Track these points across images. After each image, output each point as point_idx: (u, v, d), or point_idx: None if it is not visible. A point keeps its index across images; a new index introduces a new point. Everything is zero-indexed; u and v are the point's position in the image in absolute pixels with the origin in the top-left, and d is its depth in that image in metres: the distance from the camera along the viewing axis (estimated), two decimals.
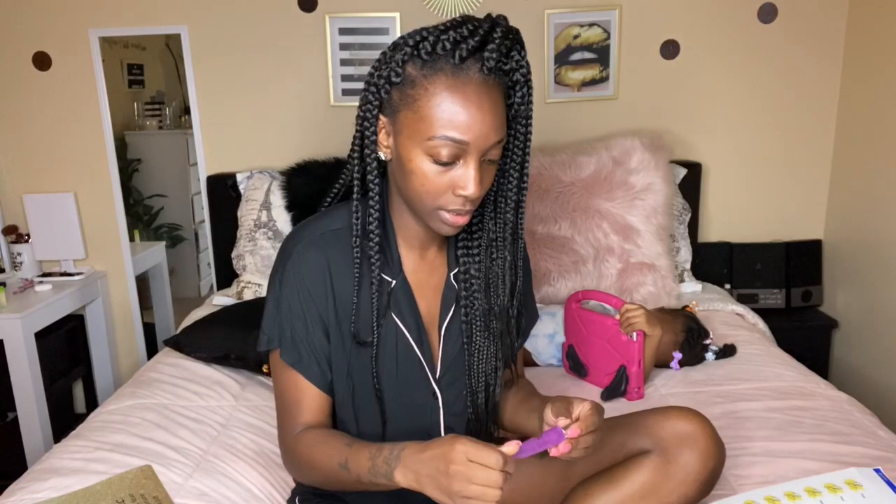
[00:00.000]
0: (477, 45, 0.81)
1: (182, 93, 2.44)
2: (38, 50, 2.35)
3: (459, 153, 0.83)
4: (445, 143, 0.82)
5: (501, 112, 0.85)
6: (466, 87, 0.82)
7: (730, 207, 2.49)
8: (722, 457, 0.99)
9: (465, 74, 0.82)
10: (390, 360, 1.00)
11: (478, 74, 0.82)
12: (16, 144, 2.43)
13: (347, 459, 0.89)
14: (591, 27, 2.35)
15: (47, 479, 1.25)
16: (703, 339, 1.77)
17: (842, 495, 0.95)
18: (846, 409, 1.49)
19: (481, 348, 1.03)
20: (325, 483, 0.96)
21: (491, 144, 0.84)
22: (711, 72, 2.39)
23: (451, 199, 0.86)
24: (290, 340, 0.98)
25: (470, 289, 1.02)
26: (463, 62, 0.81)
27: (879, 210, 2.20)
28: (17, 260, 2.43)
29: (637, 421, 1.03)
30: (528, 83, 0.88)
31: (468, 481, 0.76)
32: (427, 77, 0.82)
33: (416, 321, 1.01)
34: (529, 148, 0.94)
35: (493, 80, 0.84)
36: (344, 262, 0.96)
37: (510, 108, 0.89)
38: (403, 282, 1.00)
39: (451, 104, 0.81)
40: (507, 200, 0.96)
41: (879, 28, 2.18)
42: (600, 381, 1.67)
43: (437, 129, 0.82)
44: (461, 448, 0.77)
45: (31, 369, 2.14)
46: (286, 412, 1.01)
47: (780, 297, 2.43)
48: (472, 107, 0.82)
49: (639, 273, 2.07)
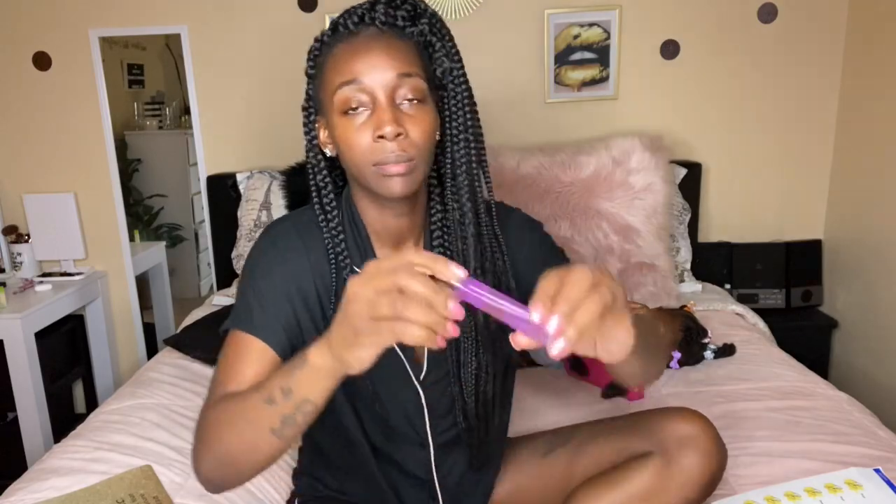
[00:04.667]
0: (366, 10, 0.86)
1: (182, 93, 2.44)
2: (38, 50, 2.35)
3: (365, 98, 0.84)
4: (345, 88, 0.84)
5: (404, 54, 0.86)
6: (357, 41, 0.86)
7: (730, 207, 2.49)
8: (724, 459, 0.98)
9: (356, 37, 0.86)
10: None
11: (369, 30, 0.86)
12: (16, 144, 2.43)
13: (263, 387, 0.74)
14: (591, 27, 2.34)
15: (47, 479, 1.25)
16: (702, 339, 1.77)
17: (842, 495, 0.96)
18: (846, 409, 1.49)
19: (467, 348, 0.97)
20: (239, 446, 0.76)
21: (394, 80, 0.84)
22: (711, 72, 2.39)
23: (378, 149, 0.84)
24: (253, 315, 0.90)
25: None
26: (356, 28, 0.87)
27: (879, 210, 2.20)
28: (17, 260, 2.43)
29: (638, 422, 1.02)
30: (440, 37, 0.90)
31: (369, 312, 0.60)
32: (328, 54, 0.88)
33: None
34: (474, 117, 0.92)
35: (391, 34, 0.87)
36: (322, 258, 0.95)
37: (435, 69, 0.91)
38: None
39: (343, 57, 0.86)
40: (459, 185, 0.92)
41: (879, 28, 2.18)
42: (601, 381, 1.67)
43: (336, 82, 0.85)
44: (354, 281, 0.62)
45: (31, 369, 2.14)
46: (225, 379, 0.86)
47: (780, 297, 2.43)
48: (362, 50, 0.85)
49: (639, 273, 2.07)
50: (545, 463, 1.09)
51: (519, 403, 1.60)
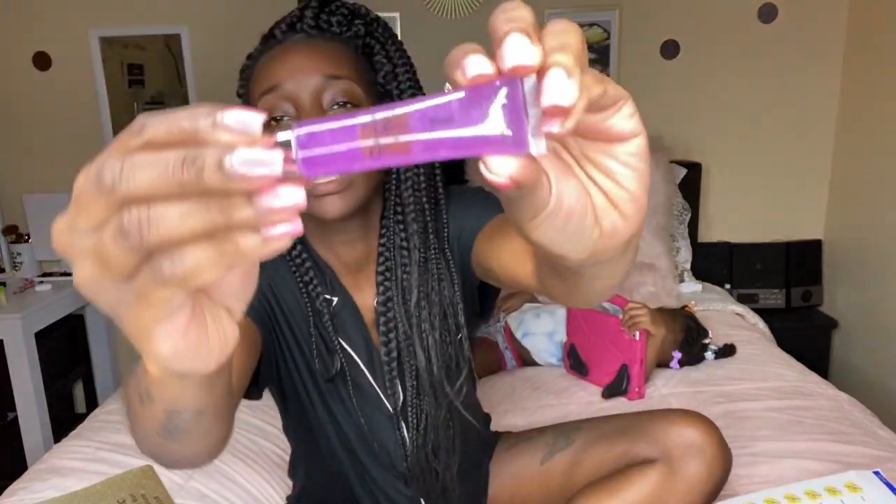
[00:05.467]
0: (295, 17, 0.79)
1: (182, 93, 2.44)
2: (38, 50, 2.35)
3: (288, 106, 0.75)
4: (265, 97, 0.76)
5: (333, 56, 0.77)
6: (281, 48, 0.78)
7: (730, 207, 2.49)
8: (728, 465, 0.96)
9: (281, 45, 0.79)
10: (343, 388, 0.90)
11: (296, 37, 0.79)
12: (16, 144, 2.43)
13: (129, 383, 0.51)
14: (591, 27, 2.34)
15: (47, 479, 1.25)
16: (703, 339, 1.77)
17: (841, 498, 0.95)
18: (846, 408, 1.49)
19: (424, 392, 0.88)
20: (144, 441, 0.53)
21: (319, 83, 0.75)
22: (711, 72, 2.39)
23: None
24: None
25: (389, 324, 0.85)
26: (284, 37, 0.79)
27: (879, 210, 2.20)
28: (17, 260, 2.43)
29: (642, 426, 0.99)
30: (380, 40, 0.81)
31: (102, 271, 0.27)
32: (255, 68, 0.81)
33: (366, 345, 0.89)
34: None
35: (322, 38, 0.79)
36: (286, 285, 0.87)
37: (378, 73, 0.82)
38: (346, 300, 0.88)
39: (266, 66, 0.78)
40: (405, 204, 0.83)
41: (879, 28, 2.18)
42: (601, 381, 1.67)
43: (257, 93, 0.77)
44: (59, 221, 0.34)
45: (31, 369, 2.14)
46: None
47: (780, 297, 2.43)
48: (283, 55, 0.77)
49: (639, 273, 2.07)
50: (544, 470, 1.06)
51: (519, 403, 1.61)
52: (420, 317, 0.85)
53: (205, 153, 0.24)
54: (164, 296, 0.27)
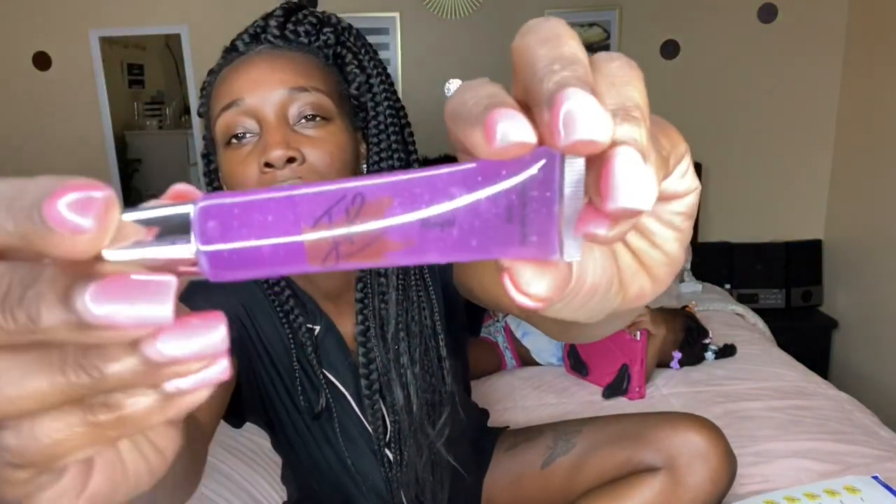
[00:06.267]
0: (259, 27, 0.73)
1: (182, 93, 2.44)
2: (38, 50, 2.35)
3: (250, 122, 0.69)
4: (225, 113, 0.69)
5: (299, 67, 0.71)
6: (243, 60, 0.72)
7: (730, 207, 2.49)
8: (733, 474, 0.95)
9: (243, 57, 0.72)
10: (328, 424, 0.85)
11: (260, 48, 0.72)
12: (16, 144, 2.43)
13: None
14: (591, 27, 2.34)
15: None
16: (703, 339, 1.77)
17: (841, 499, 0.96)
18: (846, 408, 1.49)
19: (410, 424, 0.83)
20: None
21: (283, 96, 0.68)
22: (711, 72, 2.39)
23: (268, 181, 0.67)
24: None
25: (369, 354, 0.79)
26: (247, 48, 0.73)
27: (879, 210, 2.20)
28: None
29: (645, 432, 0.97)
30: (351, 49, 0.76)
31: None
32: (215, 83, 0.74)
33: (352, 374, 0.84)
34: (400, 139, 0.77)
35: (287, 49, 0.73)
36: (261, 309, 0.81)
37: (350, 84, 0.76)
38: (329, 327, 0.83)
39: (227, 79, 0.71)
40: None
41: (879, 28, 2.18)
42: (602, 381, 1.67)
43: (217, 109, 0.70)
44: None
45: None
46: None
47: (780, 297, 2.43)
48: (246, 67, 0.70)
49: None
50: (545, 474, 1.04)
51: (519, 402, 1.61)
52: (398, 349, 0.80)
53: (38, 280, 0.16)
54: (20, 477, 0.19)
